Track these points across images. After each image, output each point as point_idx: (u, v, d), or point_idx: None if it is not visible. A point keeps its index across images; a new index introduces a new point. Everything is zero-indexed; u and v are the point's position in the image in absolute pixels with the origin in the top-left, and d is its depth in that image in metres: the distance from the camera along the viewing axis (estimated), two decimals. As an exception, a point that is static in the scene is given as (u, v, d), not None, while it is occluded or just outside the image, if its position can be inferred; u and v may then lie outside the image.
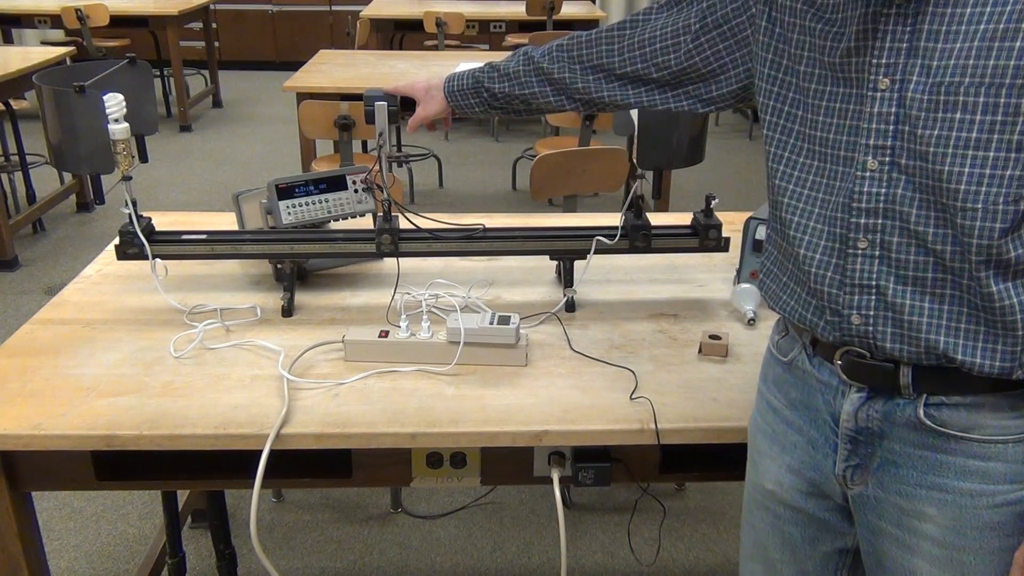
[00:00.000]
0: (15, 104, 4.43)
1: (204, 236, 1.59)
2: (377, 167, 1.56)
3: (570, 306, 1.63)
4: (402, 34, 6.19)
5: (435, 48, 5.95)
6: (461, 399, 1.34)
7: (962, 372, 0.95)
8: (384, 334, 1.44)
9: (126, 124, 1.46)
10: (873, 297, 0.98)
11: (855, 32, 0.96)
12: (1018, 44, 0.86)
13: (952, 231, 0.92)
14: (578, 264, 1.68)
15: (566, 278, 1.66)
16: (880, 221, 0.97)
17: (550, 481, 1.34)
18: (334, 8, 7.92)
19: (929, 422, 0.98)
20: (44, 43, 6.97)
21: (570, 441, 1.29)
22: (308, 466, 1.36)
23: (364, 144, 5.04)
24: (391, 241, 1.58)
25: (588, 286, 1.73)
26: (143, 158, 1.70)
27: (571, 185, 2.83)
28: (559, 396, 1.35)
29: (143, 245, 1.56)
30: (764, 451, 1.17)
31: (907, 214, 0.95)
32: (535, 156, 2.85)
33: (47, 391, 1.34)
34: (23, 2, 5.84)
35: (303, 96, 3.46)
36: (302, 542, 2.32)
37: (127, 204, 1.54)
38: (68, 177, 4.64)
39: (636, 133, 1.51)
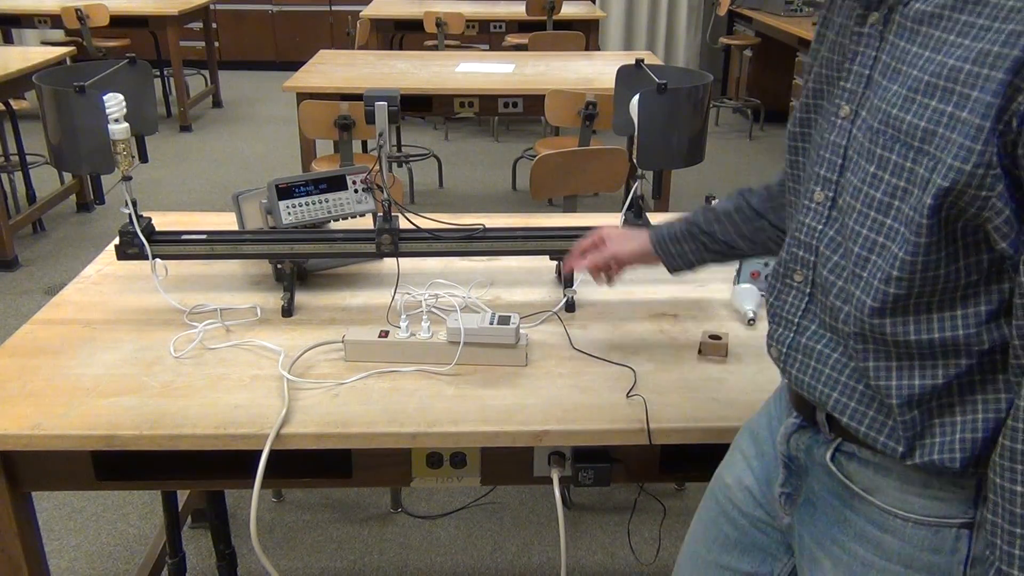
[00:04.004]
0: (15, 104, 4.42)
1: (204, 236, 1.59)
2: (377, 167, 1.56)
3: (570, 306, 1.63)
4: (402, 34, 6.19)
5: (435, 48, 5.94)
6: (461, 399, 1.34)
7: None
8: (384, 334, 1.44)
9: (126, 124, 1.46)
10: (792, 334, 0.95)
11: (840, 44, 0.89)
12: (932, 103, 0.76)
13: (847, 292, 0.86)
14: (578, 264, 1.68)
15: (566, 278, 1.66)
16: (813, 258, 0.91)
17: (550, 481, 1.34)
18: (334, 8, 7.92)
19: (836, 469, 0.94)
20: (44, 43, 6.97)
21: (570, 441, 1.29)
22: (308, 466, 1.35)
23: (364, 144, 5.04)
24: (391, 241, 1.58)
25: (588, 286, 1.73)
26: (143, 158, 1.70)
27: (571, 185, 2.83)
28: (559, 396, 1.35)
29: (143, 245, 1.56)
30: (743, 448, 1.14)
31: (828, 258, 0.89)
32: (535, 156, 2.85)
33: (47, 391, 1.34)
34: (23, 2, 5.84)
35: (303, 96, 3.45)
36: (302, 542, 2.32)
37: (127, 204, 1.54)
38: (68, 177, 4.64)
39: (636, 133, 1.51)
